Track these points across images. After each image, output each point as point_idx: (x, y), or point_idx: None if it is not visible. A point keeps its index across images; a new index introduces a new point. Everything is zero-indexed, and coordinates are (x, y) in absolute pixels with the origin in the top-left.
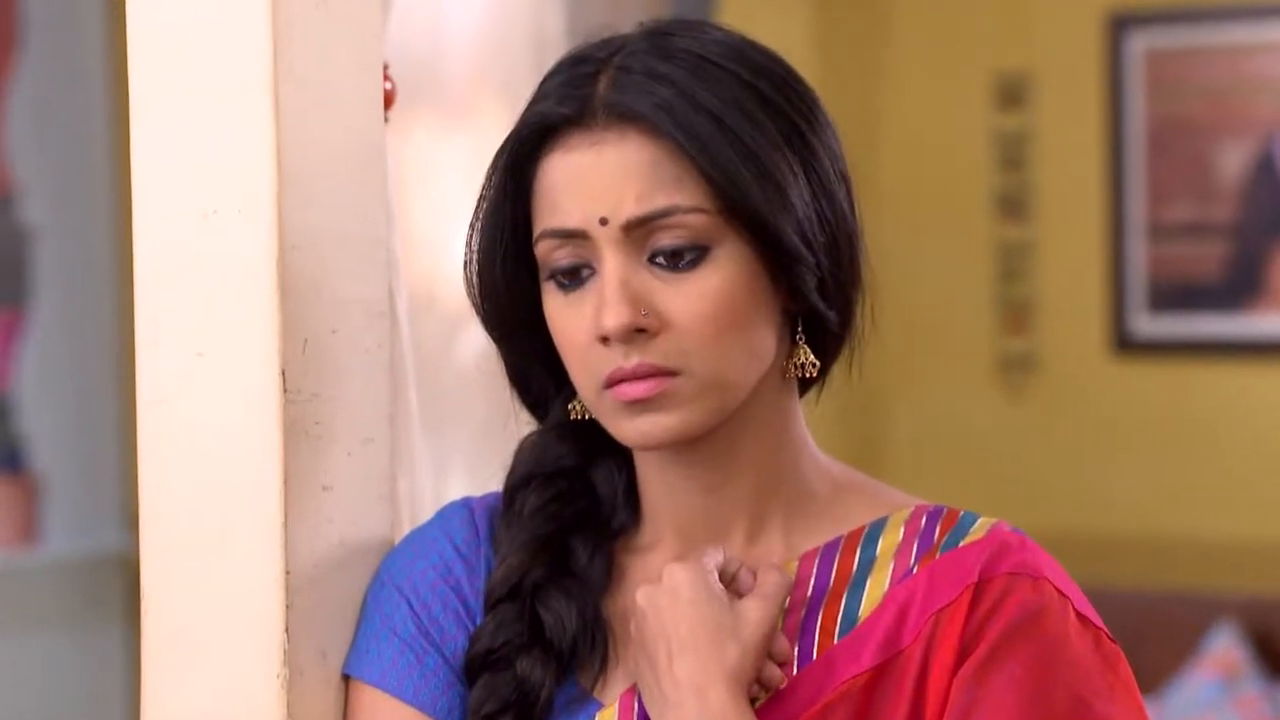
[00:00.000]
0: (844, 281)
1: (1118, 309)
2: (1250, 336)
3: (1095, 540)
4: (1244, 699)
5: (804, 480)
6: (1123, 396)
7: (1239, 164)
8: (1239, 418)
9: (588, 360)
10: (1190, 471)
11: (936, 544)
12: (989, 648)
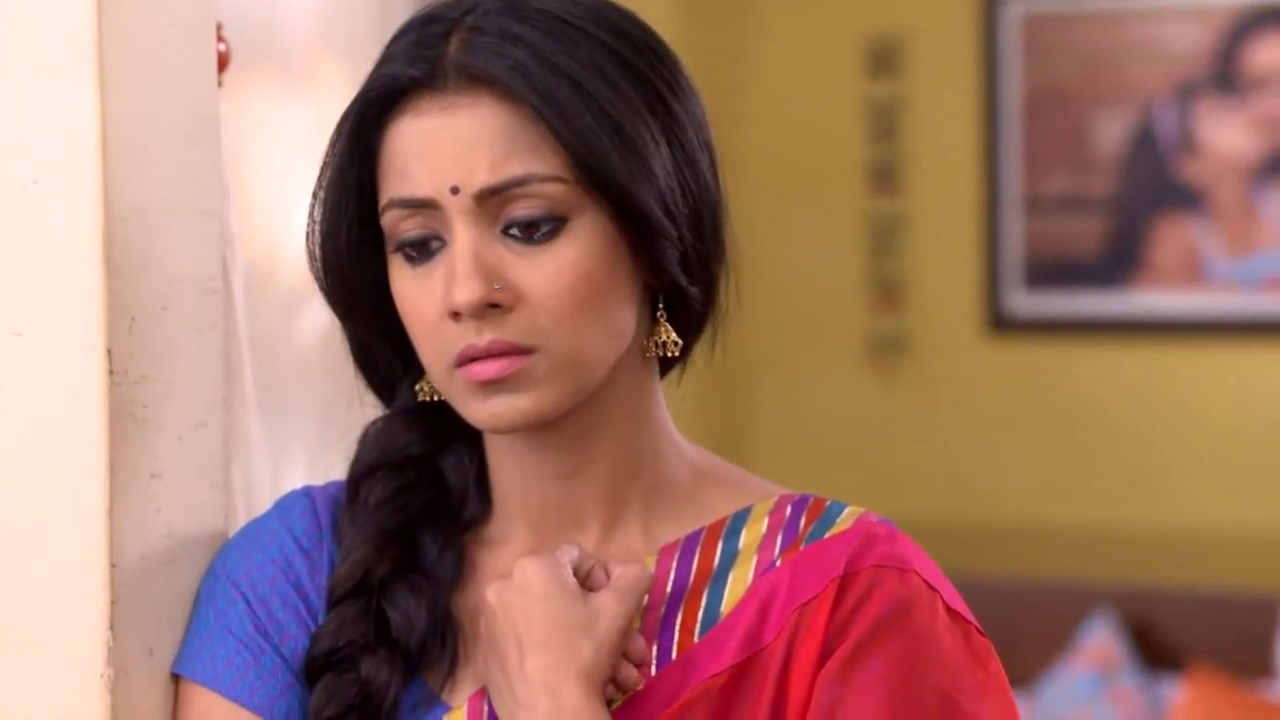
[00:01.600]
0: (707, 256)
1: (992, 286)
2: (1129, 314)
3: (968, 529)
4: (1120, 691)
5: (664, 468)
6: (997, 378)
7: (1118, 135)
8: (1118, 400)
9: (437, 338)
10: (1067, 456)
11: (801, 535)
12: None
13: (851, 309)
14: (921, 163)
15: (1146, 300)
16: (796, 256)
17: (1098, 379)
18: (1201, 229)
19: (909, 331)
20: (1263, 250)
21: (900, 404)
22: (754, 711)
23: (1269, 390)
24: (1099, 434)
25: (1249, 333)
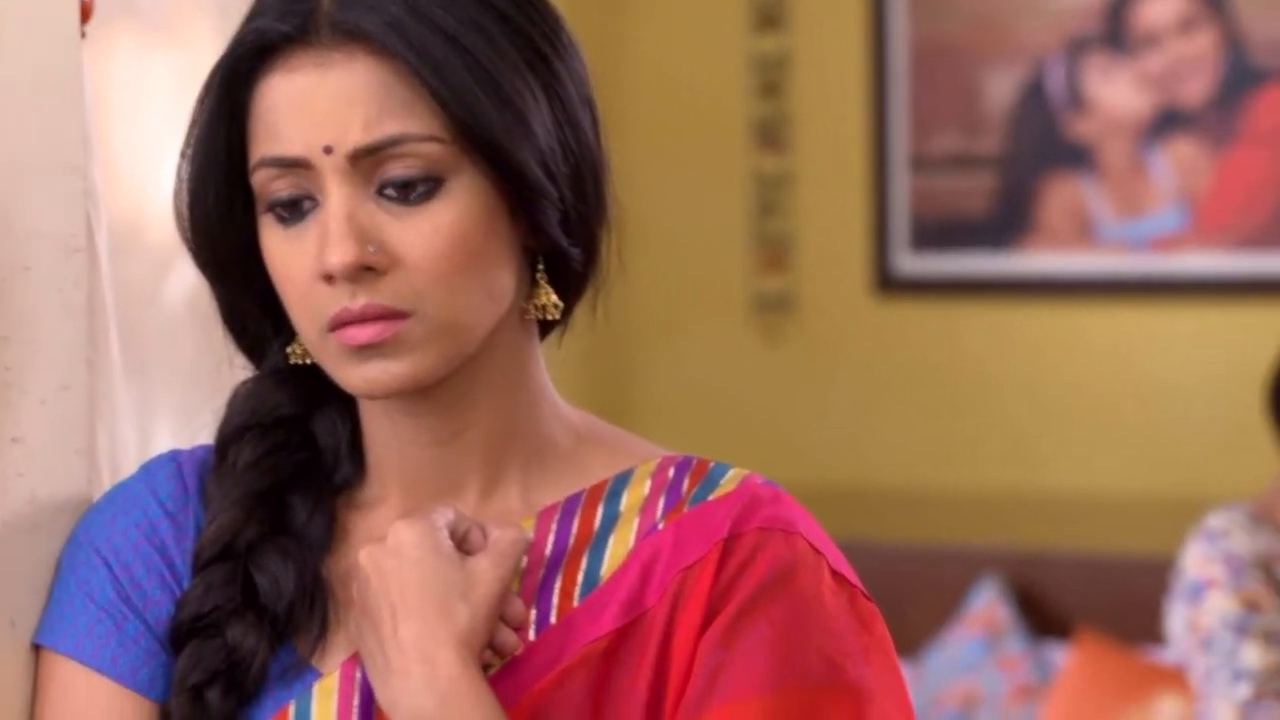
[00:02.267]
0: (589, 216)
1: (880, 246)
2: (1018, 275)
3: (854, 492)
4: (1006, 658)
5: (544, 431)
6: (885, 339)
7: (1008, 92)
8: (1006, 362)
9: (310, 300)
10: (954, 419)
11: (684, 498)
12: (738, 607)
13: (736, 269)
14: (808, 120)
15: (1035, 261)
16: (680, 216)
17: (986, 341)
18: (1091, 188)
19: (795, 292)
20: (1152, 211)
21: (786, 366)
22: (635, 676)
23: (1158, 352)
24: (986, 397)
25: (1138, 294)
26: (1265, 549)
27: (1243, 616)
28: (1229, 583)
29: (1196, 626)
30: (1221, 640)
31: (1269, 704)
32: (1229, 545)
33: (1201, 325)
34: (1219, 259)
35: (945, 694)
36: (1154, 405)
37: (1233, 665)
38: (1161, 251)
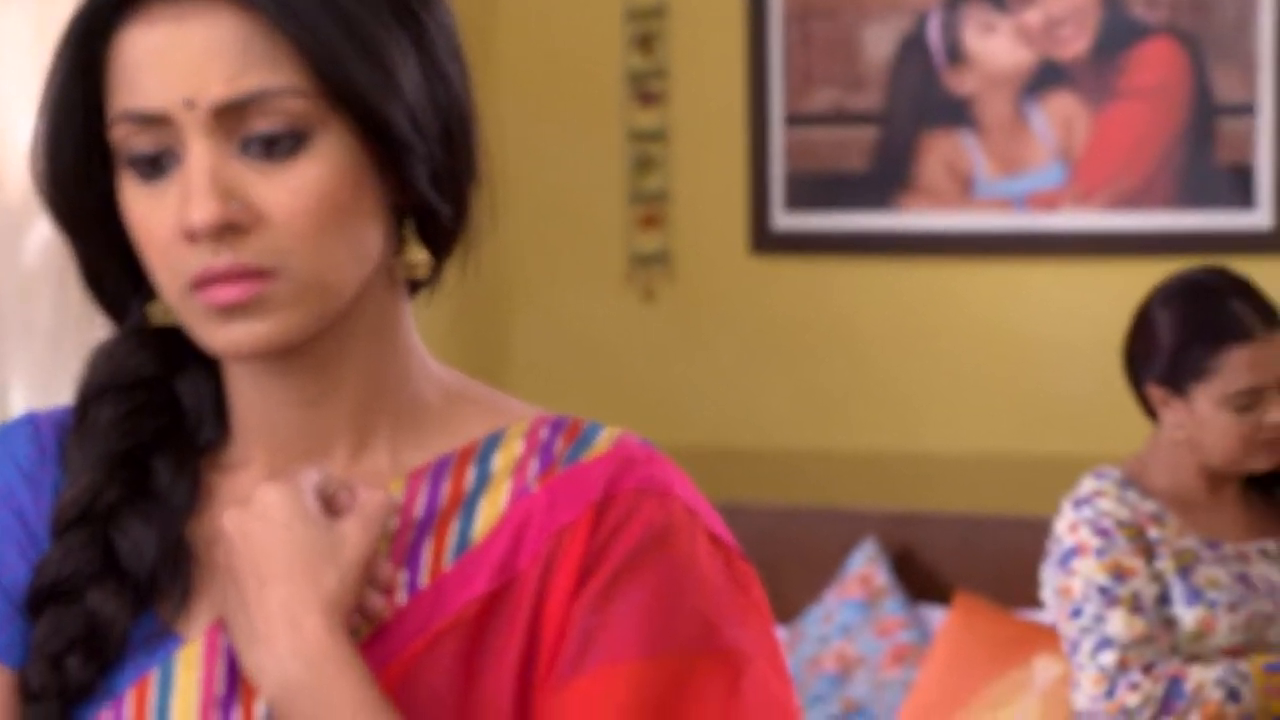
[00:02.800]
0: (459, 172)
1: (758, 203)
2: (897, 232)
3: (730, 453)
4: (884, 621)
5: (414, 391)
6: (763, 298)
7: (886, 47)
8: (885, 320)
9: (171, 259)
10: (833, 378)
11: (558, 459)
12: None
13: (612, 226)
14: (684, 75)
15: (914, 218)
16: (554, 171)
17: (864, 299)
18: (970, 144)
19: (672, 249)
20: (1031, 167)
21: (662, 325)
22: (508, 639)
23: (1037, 310)
24: (864, 356)
25: (1018, 251)
26: (1137, 513)
27: (1111, 584)
28: (1098, 549)
29: (1065, 592)
30: (1089, 607)
31: (1134, 673)
32: (1099, 510)
33: (1081, 283)
34: (1098, 216)
35: (823, 657)
36: (1033, 365)
37: (1099, 633)
38: (1040, 209)
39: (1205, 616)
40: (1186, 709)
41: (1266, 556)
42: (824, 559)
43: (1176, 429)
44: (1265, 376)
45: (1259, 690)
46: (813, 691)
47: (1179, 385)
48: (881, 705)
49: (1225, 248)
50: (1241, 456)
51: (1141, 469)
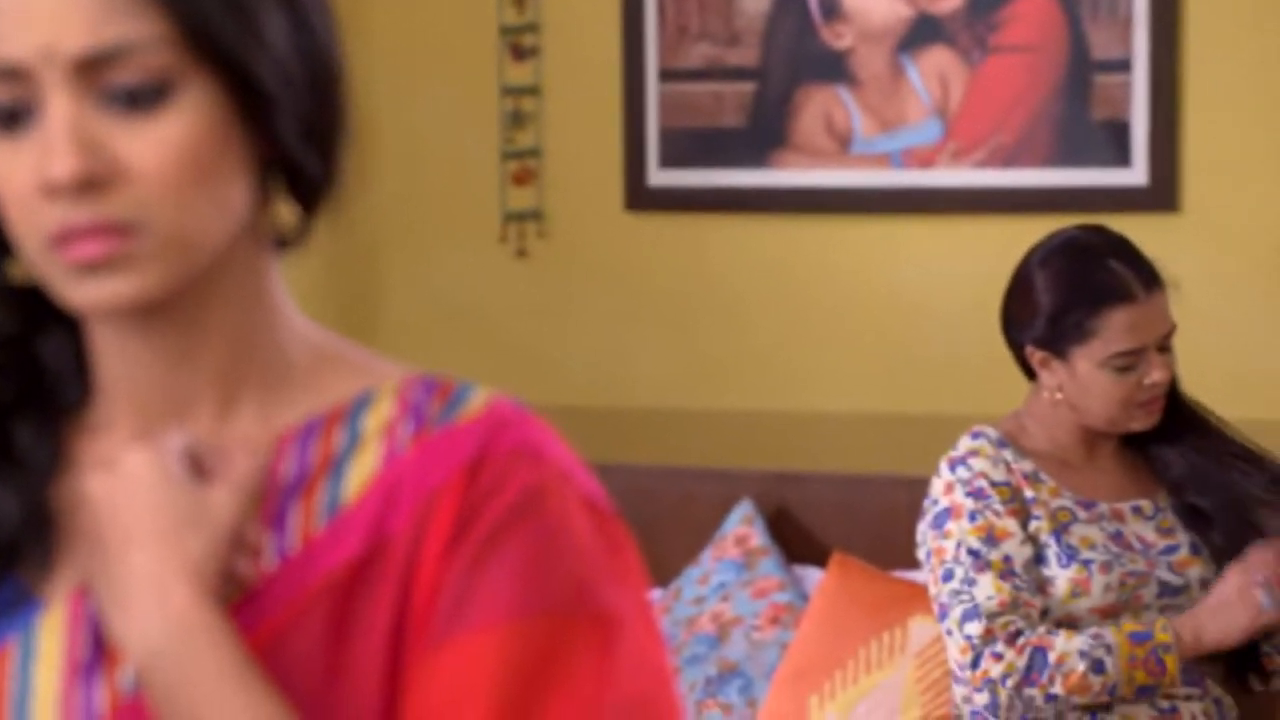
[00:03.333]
0: (327, 126)
1: (633, 160)
2: (774, 189)
3: (607, 413)
4: (760, 582)
5: (282, 351)
6: (638, 256)
7: (762, 1)
8: (762, 278)
9: (30, 215)
10: (709, 337)
11: (429, 420)
12: (484, 533)
13: (485, 182)
14: (558, 30)
15: (790, 175)
16: (425, 126)
17: (741, 257)
18: (847, 100)
19: (546, 207)
20: (908, 123)
21: (537, 283)
22: (378, 604)
23: (915, 268)
24: (741, 314)
25: (895, 208)
26: (1013, 473)
27: (982, 547)
28: (971, 511)
29: (938, 554)
30: (959, 570)
31: (999, 643)
32: (974, 470)
33: (958, 241)
34: (974, 173)
35: (699, 618)
36: (910, 323)
37: (968, 599)
38: (917, 165)
39: (1080, 576)
40: (1050, 679)
41: (1141, 515)
42: (700, 520)
43: (1055, 390)
44: (1144, 337)
45: (1124, 660)
46: (689, 653)
47: (1058, 347)
48: (758, 666)
49: (1102, 205)
50: (1121, 417)
51: (1019, 428)
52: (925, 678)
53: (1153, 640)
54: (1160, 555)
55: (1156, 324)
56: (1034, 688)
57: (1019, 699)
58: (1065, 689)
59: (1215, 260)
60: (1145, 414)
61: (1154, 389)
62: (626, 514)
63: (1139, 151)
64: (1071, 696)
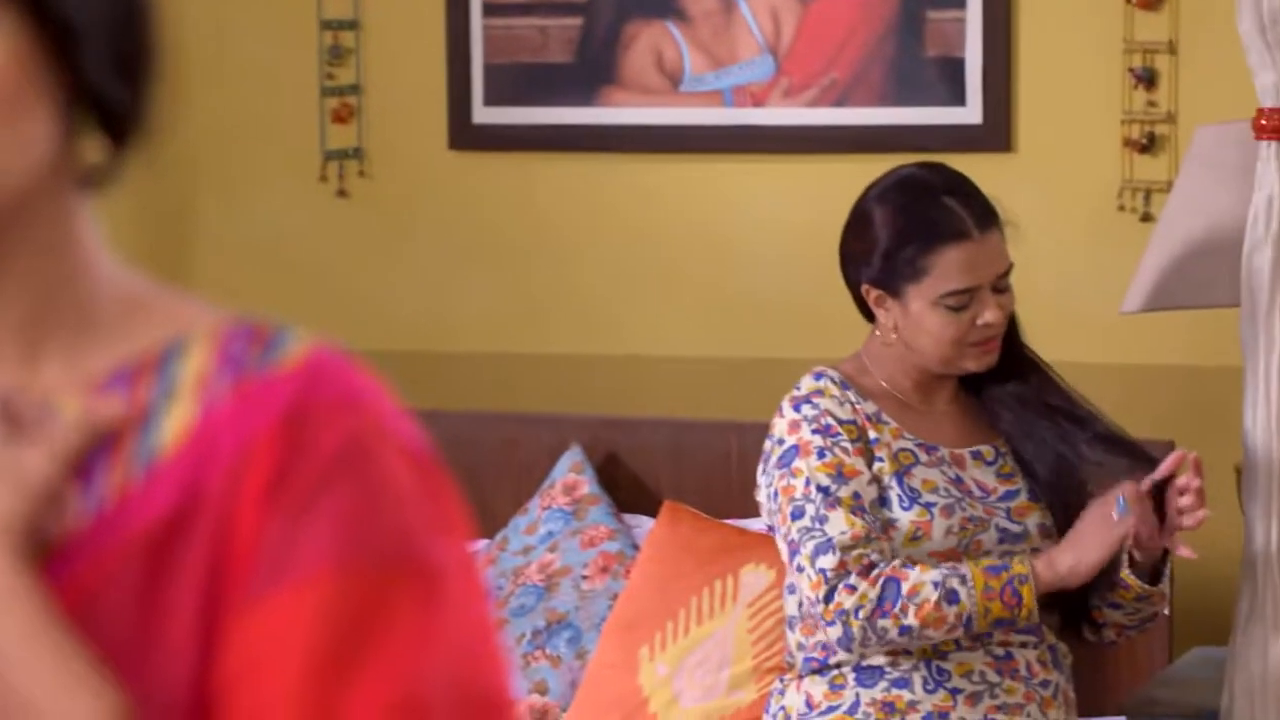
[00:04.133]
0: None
1: (457, 97)
2: (602, 127)
3: (432, 358)
4: (589, 531)
5: (92, 296)
6: (463, 196)
7: None
8: (591, 220)
9: None
10: (537, 280)
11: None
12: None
13: (304, 119)
14: None
15: (619, 113)
16: (242, 61)
17: (569, 198)
18: (677, 36)
19: (367, 145)
20: (739, 60)
21: (359, 224)
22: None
23: (747, 208)
24: (570, 256)
25: (726, 148)
26: (857, 414)
27: (832, 484)
28: (820, 449)
29: (786, 492)
30: (810, 508)
31: (852, 576)
32: (821, 409)
33: (790, 181)
34: (807, 112)
35: (527, 569)
36: (742, 265)
37: (820, 535)
38: (749, 103)
39: (921, 519)
40: (903, 609)
41: (981, 461)
42: (528, 467)
43: (891, 330)
44: (978, 276)
45: (979, 591)
46: (516, 604)
47: (892, 285)
48: (587, 617)
49: (936, 144)
50: (954, 357)
51: (859, 369)
52: (757, 628)
53: (1009, 571)
54: (999, 501)
55: (991, 263)
56: (887, 618)
57: (872, 630)
58: (918, 620)
59: (1047, 201)
60: (979, 354)
61: (988, 329)
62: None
63: (973, 90)
64: (926, 628)
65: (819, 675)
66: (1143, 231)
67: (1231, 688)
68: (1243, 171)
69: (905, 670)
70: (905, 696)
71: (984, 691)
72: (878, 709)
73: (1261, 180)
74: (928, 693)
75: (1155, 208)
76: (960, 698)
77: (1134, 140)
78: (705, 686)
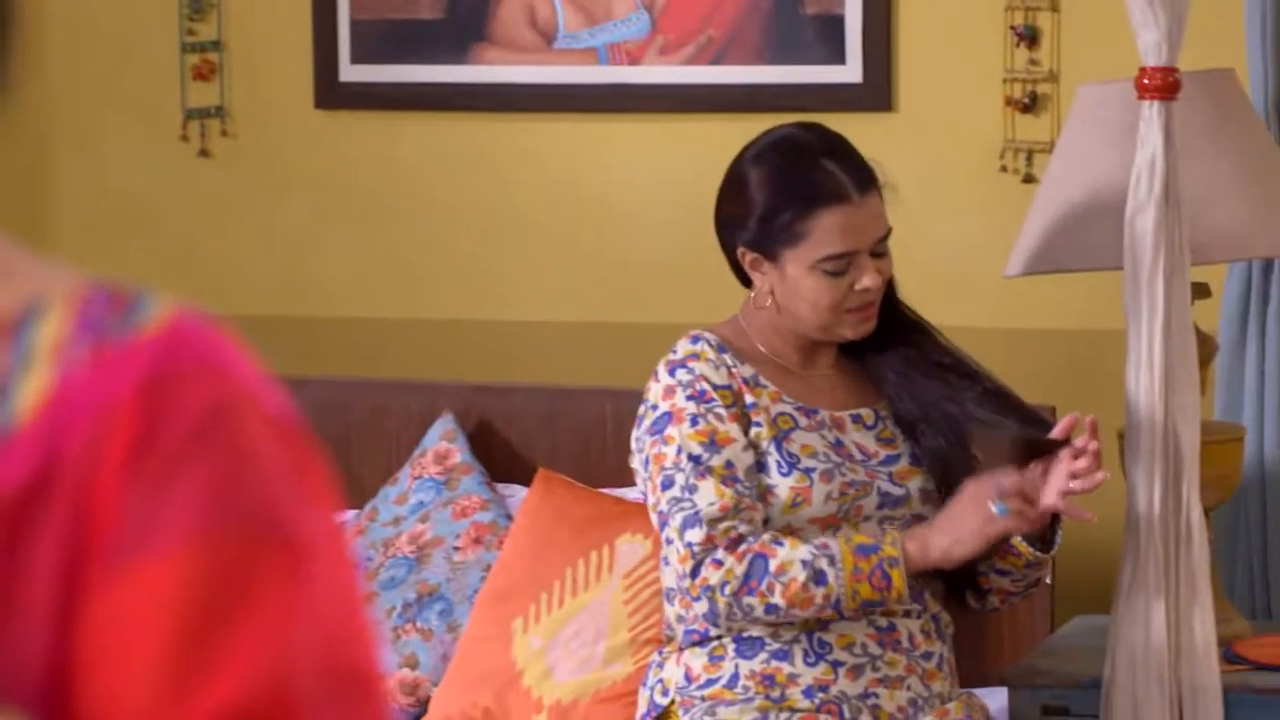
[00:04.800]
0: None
1: (323, 54)
2: (473, 86)
3: (299, 323)
4: (462, 501)
5: None
6: (330, 156)
7: None
8: (461, 181)
9: None
10: (407, 243)
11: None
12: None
13: (164, 76)
14: None
15: (491, 71)
16: (99, 14)
17: (439, 158)
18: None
19: (231, 104)
20: (614, 17)
21: (221, 185)
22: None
23: (622, 170)
24: (440, 219)
25: (601, 107)
26: (734, 378)
27: (704, 452)
28: (693, 415)
29: (657, 460)
30: (680, 477)
31: (720, 550)
32: (695, 374)
33: (666, 142)
34: (684, 70)
35: (397, 540)
36: (617, 228)
37: (689, 506)
38: (624, 61)
39: (801, 485)
40: (769, 588)
41: (861, 425)
42: (398, 436)
43: (767, 294)
44: (856, 241)
45: (848, 572)
46: (386, 576)
47: (769, 249)
48: (459, 590)
49: (815, 104)
50: (831, 324)
51: (737, 332)
52: (634, 599)
53: (880, 553)
54: (880, 465)
55: (869, 227)
56: (753, 596)
57: (738, 607)
58: (785, 599)
59: (929, 162)
60: (856, 321)
61: (865, 295)
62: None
63: (853, 48)
64: (793, 608)
65: (699, 647)
66: (1025, 193)
67: (1114, 656)
68: (1126, 132)
69: (786, 642)
70: (785, 669)
71: (866, 664)
72: (757, 682)
73: (1144, 140)
74: (808, 665)
75: (1038, 169)
76: (842, 670)
77: (1016, 99)
78: (581, 659)
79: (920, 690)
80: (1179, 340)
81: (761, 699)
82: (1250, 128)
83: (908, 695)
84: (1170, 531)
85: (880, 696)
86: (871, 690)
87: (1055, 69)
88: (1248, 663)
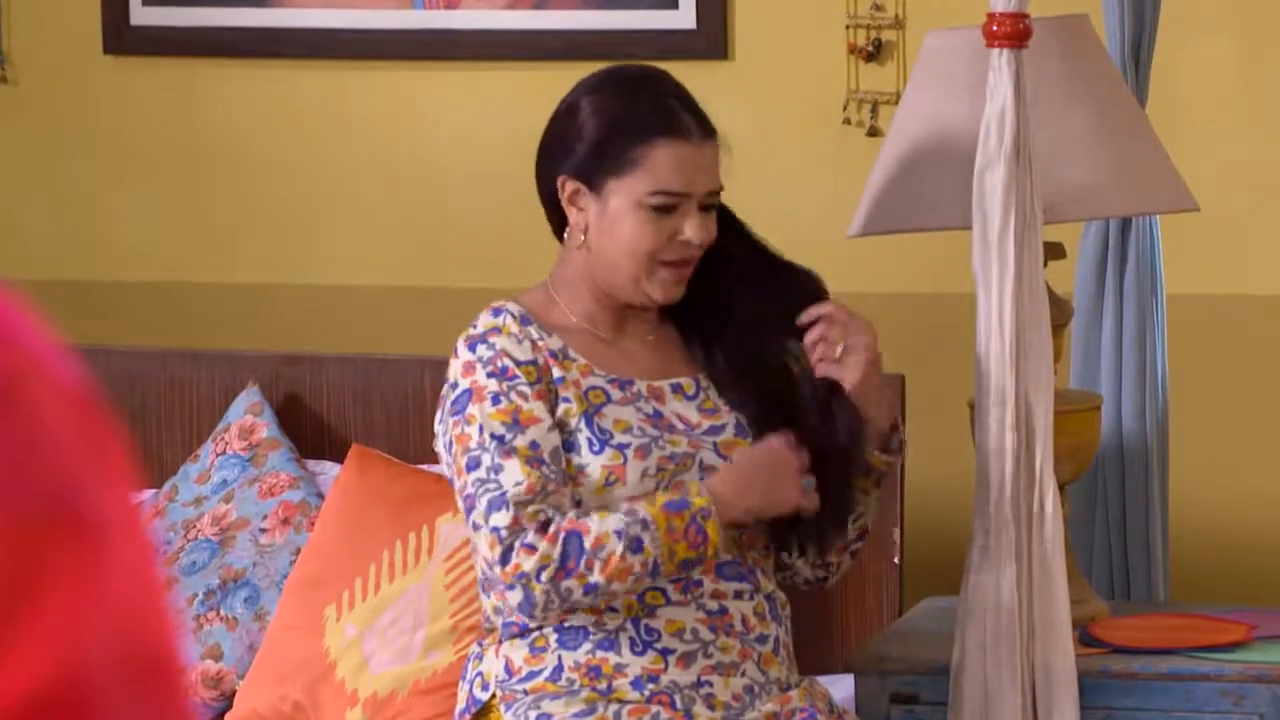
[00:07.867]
0: None
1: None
2: (276, 31)
3: (90, 288)
4: (269, 479)
5: None
6: (122, 108)
7: None
8: (266, 134)
9: None
10: (207, 201)
11: None
12: None
13: None
14: None
15: (295, 14)
16: None
17: (240, 109)
18: None
19: (11, 50)
20: None
21: (6, 141)
22: None
23: (438, 122)
24: (243, 175)
25: (414, 54)
26: (539, 352)
27: (507, 432)
28: (494, 394)
29: (460, 441)
30: (485, 458)
31: (530, 533)
32: (496, 350)
33: (486, 92)
34: (505, 15)
35: (199, 521)
36: (433, 185)
37: (494, 488)
38: (440, 5)
39: (614, 463)
40: (588, 566)
41: (682, 394)
42: (199, 409)
43: (580, 232)
44: (690, 183)
45: (663, 533)
46: (187, 560)
47: (594, 178)
48: (266, 574)
49: (647, 51)
50: (642, 274)
51: (546, 301)
52: (455, 584)
53: (690, 508)
54: (705, 435)
55: (705, 174)
56: (571, 578)
57: (556, 593)
58: (605, 575)
59: (767, 113)
60: (670, 279)
61: (685, 248)
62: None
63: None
64: (612, 583)
65: (519, 639)
66: (870, 147)
67: (963, 639)
68: (975, 82)
69: (611, 631)
70: (612, 659)
71: (697, 651)
72: (582, 673)
73: (994, 92)
74: (635, 654)
75: (883, 121)
76: (672, 659)
77: (859, 48)
78: (399, 648)
79: (756, 676)
80: (1031, 303)
81: (588, 691)
82: (1106, 78)
83: (743, 682)
84: (1022, 507)
85: (714, 685)
86: (705, 678)
87: (901, 15)
88: (1105, 645)
